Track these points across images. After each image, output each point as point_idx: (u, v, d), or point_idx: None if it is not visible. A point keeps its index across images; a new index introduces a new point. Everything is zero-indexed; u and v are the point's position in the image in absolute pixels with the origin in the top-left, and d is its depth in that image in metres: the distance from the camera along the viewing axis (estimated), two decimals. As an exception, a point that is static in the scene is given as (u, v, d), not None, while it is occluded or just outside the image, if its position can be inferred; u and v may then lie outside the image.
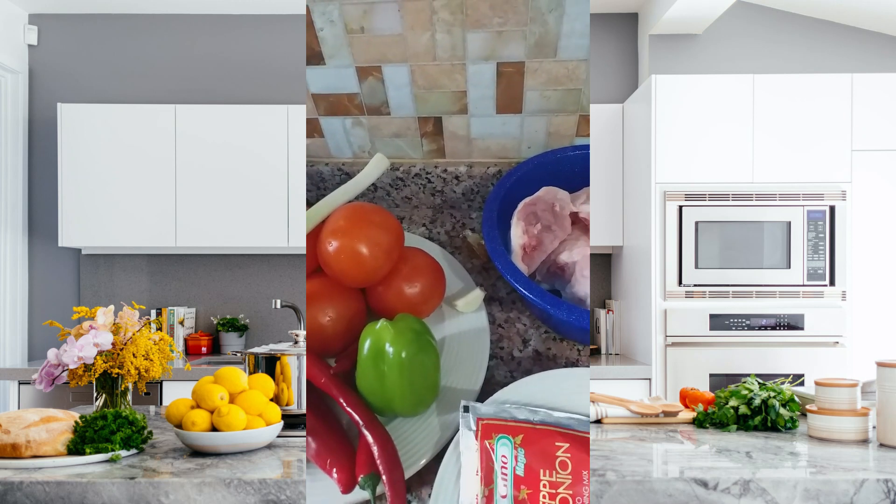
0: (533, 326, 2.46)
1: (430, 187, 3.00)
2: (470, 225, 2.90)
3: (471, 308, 2.34)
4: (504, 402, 1.78)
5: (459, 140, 2.90)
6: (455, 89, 2.67)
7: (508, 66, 2.54)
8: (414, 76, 2.62)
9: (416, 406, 1.97)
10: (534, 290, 2.19)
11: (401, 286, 2.23)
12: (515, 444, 1.59)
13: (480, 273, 2.68)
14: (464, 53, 2.51)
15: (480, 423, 1.66)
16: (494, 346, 2.39)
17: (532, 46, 2.46)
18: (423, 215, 2.96)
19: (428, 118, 2.81)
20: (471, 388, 2.10)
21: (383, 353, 1.91)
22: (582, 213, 2.49)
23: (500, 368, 2.31)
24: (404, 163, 2.99)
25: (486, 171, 2.97)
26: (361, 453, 1.83)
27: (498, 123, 2.82)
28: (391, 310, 2.25)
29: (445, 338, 2.28)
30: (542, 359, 2.35)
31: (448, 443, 1.93)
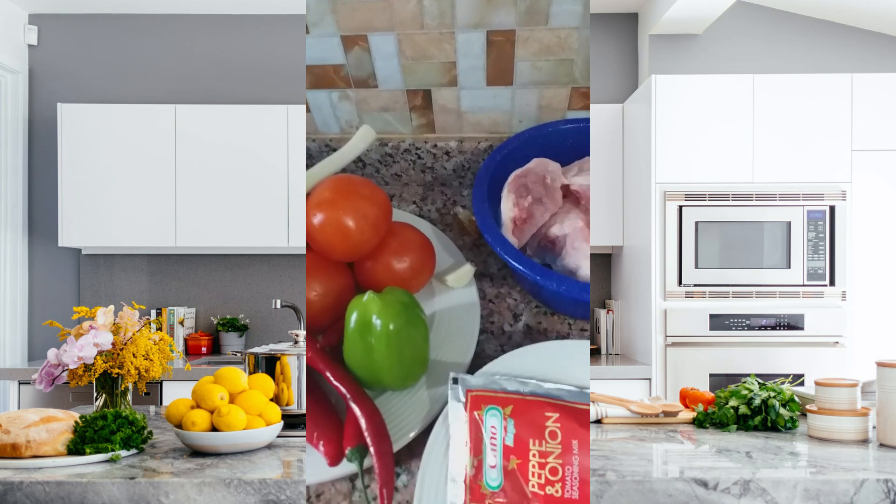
0: (524, 301, 2.46)
1: (421, 163, 2.95)
2: (461, 202, 2.87)
3: (461, 283, 2.34)
4: (494, 373, 1.78)
5: (449, 114, 2.83)
6: (444, 60, 2.59)
7: (499, 34, 2.46)
8: (401, 45, 2.54)
9: (404, 379, 1.95)
10: (524, 261, 2.18)
11: (389, 261, 2.20)
12: (505, 415, 1.60)
13: (471, 250, 2.67)
14: (452, 21, 2.43)
15: (470, 394, 1.66)
16: (485, 321, 2.39)
17: (523, 13, 2.38)
18: (414, 193, 2.91)
19: (417, 91, 2.74)
20: (461, 361, 2.10)
21: (370, 325, 1.89)
22: (574, 185, 2.46)
23: (490, 343, 2.32)
24: (393, 138, 2.92)
25: (478, 147, 2.92)
26: (349, 426, 1.80)
27: (489, 96, 2.75)
28: (380, 285, 2.22)
29: (435, 313, 2.27)
30: (532, 333, 2.35)
31: (437, 416, 1.92)
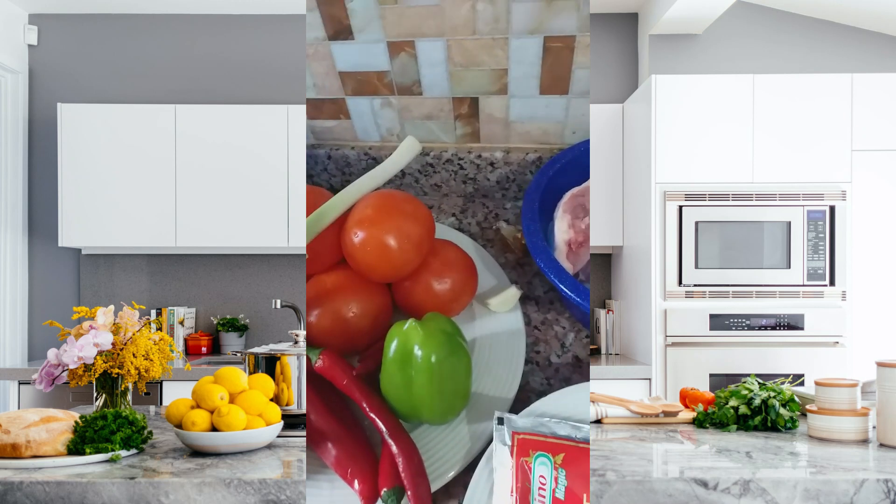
0: (573, 329, 2.25)
1: (462, 174, 2.78)
2: (504, 216, 2.69)
3: (505, 307, 2.17)
4: (542, 414, 1.63)
5: (496, 123, 2.65)
6: (495, 67, 2.41)
7: (557, 40, 2.27)
8: (450, 52, 2.37)
9: (444, 414, 1.83)
10: (580, 292, 1.99)
11: (430, 281, 2.08)
12: (555, 464, 1.45)
13: (515, 269, 2.46)
14: (507, 26, 2.25)
15: (516, 437, 1.51)
16: (530, 350, 2.19)
17: (586, 17, 2.18)
18: (454, 204, 2.75)
19: (463, 99, 2.56)
20: (504, 395, 1.94)
21: (411, 355, 1.78)
22: None
23: (535, 375, 2.12)
24: (435, 147, 2.76)
25: (525, 158, 2.72)
26: (385, 464, 1.69)
27: (541, 105, 2.55)
28: (419, 307, 2.10)
29: (476, 339, 2.12)
30: (582, 366, 2.14)
31: (478, 454, 1.79)
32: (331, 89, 2.70)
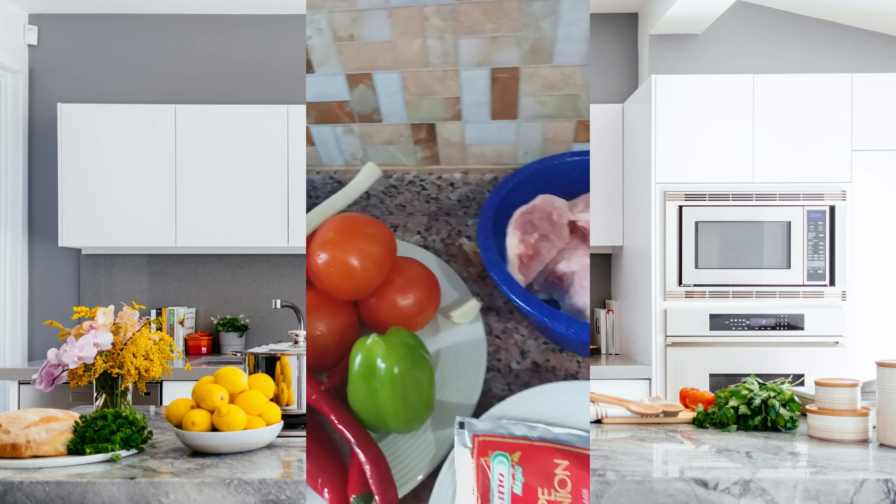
0: (531, 337, 2.39)
1: (425, 194, 2.95)
2: (466, 232, 2.84)
3: (466, 319, 2.28)
4: (501, 417, 1.72)
5: (454, 146, 2.84)
6: (448, 95, 2.61)
7: (503, 71, 2.49)
8: (406, 83, 2.57)
9: (409, 422, 1.92)
10: (531, 301, 2.11)
11: (394, 298, 2.18)
12: (513, 462, 1.54)
13: (477, 282, 2.61)
14: (456, 59, 2.46)
15: (476, 439, 1.60)
16: (491, 358, 2.32)
17: (527, 52, 2.41)
18: (418, 223, 2.90)
19: (421, 125, 2.76)
20: (467, 402, 2.04)
21: (375, 368, 1.86)
22: (580, 221, 2.43)
23: (497, 381, 2.24)
24: (398, 170, 2.93)
25: (482, 178, 2.91)
26: (353, 472, 1.77)
27: (493, 129, 2.76)
28: (384, 322, 2.19)
29: (440, 350, 2.23)
30: (540, 371, 2.27)
31: (444, 459, 1.87)
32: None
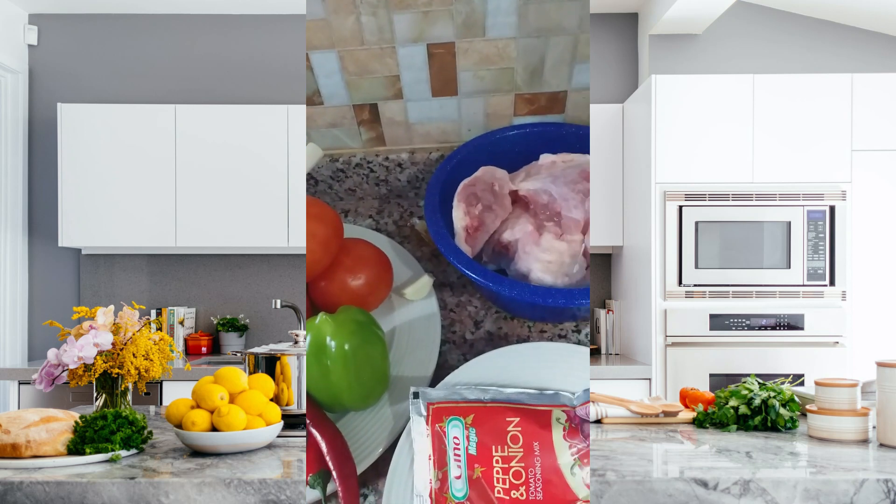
0: (484, 308, 2.46)
1: (374, 177, 2.94)
2: (417, 213, 2.86)
3: (420, 295, 2.32)
4: (455, 384, 1.77)
5: (398, 126, 2.84)
6: (388, 74, 2.60)
7: (439, 46, 2.49)
8: (343, 62, 2.55)
9: (365, 398, 1.93)
10: (477, 270, 2.18)
11: (344, 279, 2.17)
12: (466, 424, 1.59)
13: (430, 260, 2.66)
14: (392, 36, 2.45)
15: (431, 407, 1.65)
16: (446, 331, 2.38)
17: (460, 26, 2.41)
18: (369, 206, 2.89)
19: (363, 105, 2.74)
20: (423, 374, 2.08)
21: (325, 346, 1.87)
22: (521, 190, 2.47)
23: (452, 353, 2.30)
24: (344, 153, 2.91)
25: (429, 157, 2.93)
26: (310, 451, 1.78)
27: (435, 107, 2.77)
28: (336, 304, 2.19)
29: (395, 327, 2.25)
30: (493, 339, 2.35)
31: (402, 432, 1.90)
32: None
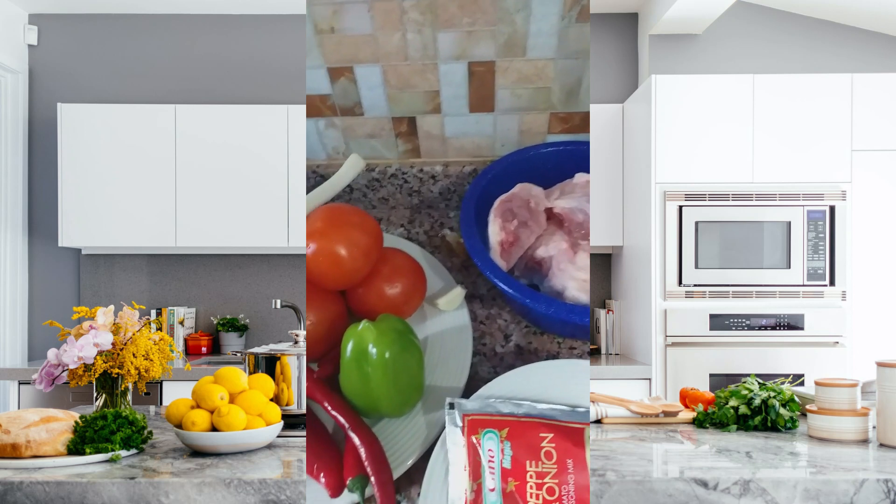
0: (514, 322, 2.48)
1: (407, 187, 3.00)
2: (448, 224, 2.89)
3: (452, 306, 2.35)
4: (489, 397, 1.79)
5: (434, 139, 2.91)
6: (428, 89, 2.67)
7: (479, 65, 2.56)
8: (386, 76, 2.62)
9: (401, 406, 1.96)
10: (512, 284, 2.21)
11: (381, 287, 2.22)
12: (501, 438, 1.61)
13: (460, 271, 2.68)
14: (435, 53, 2.52)
15: (466, 418, 1.67)
16: (477, 343, 2.40)
17: (502, 46, 2.47)
18: (401, 216, 2.94)
19: (402, 118, 2.81)
20: (455, 385, 2.10)
21: (366, 353, 1.90)
22: (556, 208, 2.51)
23: (483, 364, 2.33)
24: (380, 163, 2.98)
25: (462, 170, 2.98)
26: (349, 456, 1.81)
27: (472, 122, 2.83)
28: (373, 311, 2.23)
29: (428, 337, 2.29)
30: (523, 353, 2.37)
31: (435, 441, 1.92)
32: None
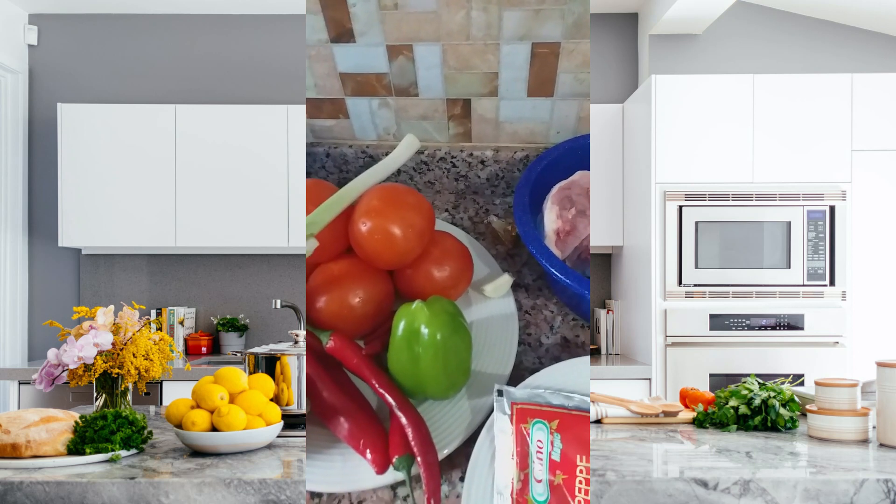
0: (560, 313, 2.44)
1: (455, 172, 2.95)
2: (494, 211, 2.84)
3: (499, 293, 2.33)
4: (537, 386, 1.78)
5: (487, 123, 2.84)
6: (487, 70, 2.59)
7: (544, 46, 2.46)
8: (446, 56, 2.54)
9: (448, 389, 1.96)
10: (569, 274, 2.16)
11: (430, 269, 2.22)
12: (551, 430, 1.60)
13: (505, 259, 2.64)
14: (499, 32, 2.43)
15: (515, 407, 1.66)
16: (522, 333, 2.38)
17: (570, 26, 2.38)
18: (446, 200, 2.89)
19: (456, 100, 2.74)
20: (501, 372, 2.10)
21: (418, 334, 1.90)
22: None
23: (528, 354, 2.30)
24: (429, 146, 2.93)
25: (513, 157, 2.92)
26: (395, 434, 1.82)
27: (528, 107, 2.75)
28: (420, 293, 2.23)
29: (473, 322, 2.28)
30: (570, 345, 2.33)
31: (478, 427, 1.92)
32: (331, 90, 2.81)
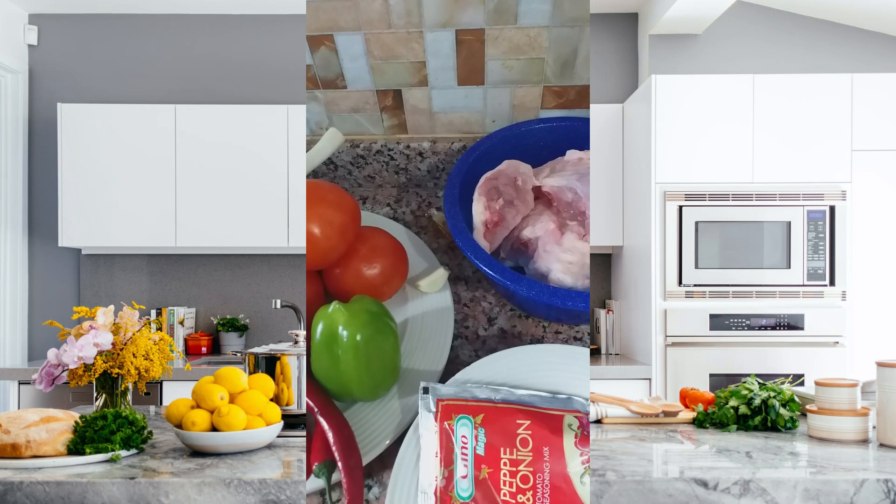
0: (499, 305, 2.42)
1: (394, 165, 2.89)
2: (436, 203, 2.81)
3: (434, 288, 2.29)
4: (466, 381, 1.75)
5: (421, 114, 2.78)
6: (413, 59, 2.55)
7: (468, 33, 2.43)
8: (369, 45, 2.49)
9: (374, 390, 1.92)
10: (494, 266, 2.12)
11: (359, 267, 2.15)
12: (476, 424, 1.57)
13: (447, 252, 2.61)
14: (420, 20, 2.39)
15: (440, 404, 1.63)
16: (459, 326, 2.35)
17: (491, 12, 2.34)
18: (388, 194, 2.84)
19: (387, 91, 2.69)
20: (433, 368, 2.06)
21: (337, 336, 1.85)
22: (545, 187, 2.40)
23: (464, 348, 2.28)
24: (365, 139, 2.86)
25: (451, 147, 2.86)
26: (316, 441, 1.77)
27: (460, 96, 2.70)
28: (350, 292, 2.18)
29: (408, 319, 2.23)
30: (507, 337, 2.32)
31: (409, 426, 1.88)
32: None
